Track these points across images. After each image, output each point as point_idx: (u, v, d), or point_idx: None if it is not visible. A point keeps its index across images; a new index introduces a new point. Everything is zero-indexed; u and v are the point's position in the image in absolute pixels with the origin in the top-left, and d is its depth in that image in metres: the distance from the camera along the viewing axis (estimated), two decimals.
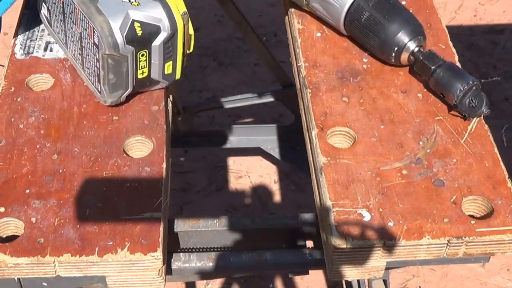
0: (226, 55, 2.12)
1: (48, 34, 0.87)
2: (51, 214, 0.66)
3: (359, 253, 0.65)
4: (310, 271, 0.90)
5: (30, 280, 0.67)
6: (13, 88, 0.80)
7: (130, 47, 0.72)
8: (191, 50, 0.78)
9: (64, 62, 0.83)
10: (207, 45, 2.12)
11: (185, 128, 1.50)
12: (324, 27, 0.88)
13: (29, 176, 0.70)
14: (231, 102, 1.53)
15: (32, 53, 0.84)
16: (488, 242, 0.65)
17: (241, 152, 1.81)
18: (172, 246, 0.76)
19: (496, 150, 0.73)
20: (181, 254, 0.75)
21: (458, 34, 2.21)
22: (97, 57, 0.73)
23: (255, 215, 1.76)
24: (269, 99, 1.50)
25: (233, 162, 1.84)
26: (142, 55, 0.74)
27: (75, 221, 0.66)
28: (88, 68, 0.77)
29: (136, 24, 0.72)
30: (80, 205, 0.67)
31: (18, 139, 0.74)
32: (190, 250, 0.78)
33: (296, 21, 0.89)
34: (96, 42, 0.72)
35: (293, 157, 1.50)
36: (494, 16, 2.31)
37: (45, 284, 0.68)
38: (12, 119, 0.76)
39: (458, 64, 0.81)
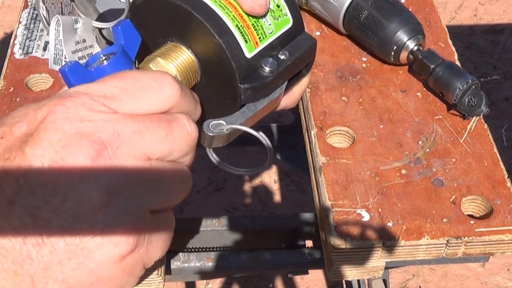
0: None
1: (47, 34, 0.86)
2: None
3: (359, 253, 0.65)
4: (309, 271, 0.90)
5: None
6: (12, 88, 0.79)
7: None
8: None
9: None
10: None
11: None
12: (323, 26, 0.88)
13: None
14: None
15: (31, 53, 0.84)
16: (487, 242, 0.64)
17: (241, 151, 1.81)
18: (171, 245, 0.76)
19: (495, 149, 0.72)
20: (180, 254, 0.75)
21: (458, 33, 2.21)
22: None
23: (255, 214, 1.76)
24: None
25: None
26: None
27: None
28: None
29: None
30: None
31: None
32: (189, 250, 0.78)
33: None
34: None
35: (293, 156, 1.50)
36: (494, 16, 2.31)
37: None
38: None
39: (457, 62, 0.81)
